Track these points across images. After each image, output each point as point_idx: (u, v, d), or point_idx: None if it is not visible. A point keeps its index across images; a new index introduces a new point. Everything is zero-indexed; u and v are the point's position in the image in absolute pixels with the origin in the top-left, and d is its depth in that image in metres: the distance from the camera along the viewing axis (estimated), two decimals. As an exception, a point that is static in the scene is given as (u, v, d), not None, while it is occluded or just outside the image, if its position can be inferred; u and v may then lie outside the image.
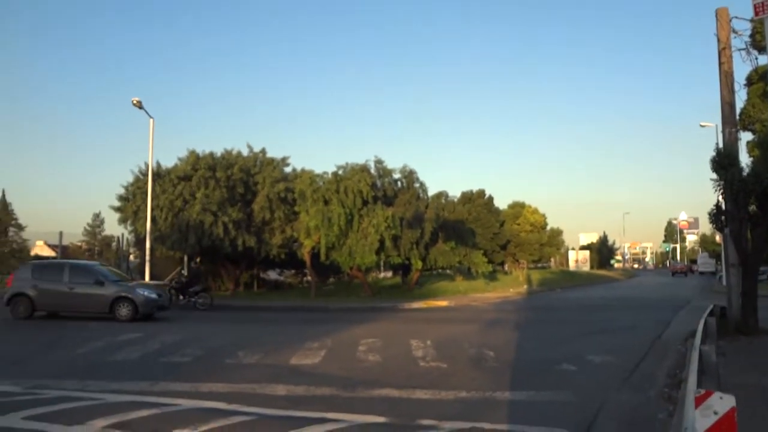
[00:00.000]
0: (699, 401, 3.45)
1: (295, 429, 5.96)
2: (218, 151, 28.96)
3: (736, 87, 14.48)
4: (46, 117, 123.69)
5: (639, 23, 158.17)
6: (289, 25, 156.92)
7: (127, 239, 31.44)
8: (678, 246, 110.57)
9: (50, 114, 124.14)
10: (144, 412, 6.54)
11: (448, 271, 40.38)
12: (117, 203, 28.76)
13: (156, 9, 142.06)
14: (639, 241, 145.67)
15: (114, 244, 33.53)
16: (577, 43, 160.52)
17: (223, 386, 8.10)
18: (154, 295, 17.30)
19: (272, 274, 36.98)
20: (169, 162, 29.18)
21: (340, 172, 26.81)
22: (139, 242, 29.36)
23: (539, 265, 74.70)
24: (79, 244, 40.07)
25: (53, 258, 32.63)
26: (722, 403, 3.41)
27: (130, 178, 28.91)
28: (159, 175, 27.66)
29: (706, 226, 74.51)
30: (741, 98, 14.85)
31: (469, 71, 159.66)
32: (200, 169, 26.99)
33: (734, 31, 14.43)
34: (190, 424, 6.07)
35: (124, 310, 16.41)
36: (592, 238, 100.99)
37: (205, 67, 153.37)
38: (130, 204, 28.11)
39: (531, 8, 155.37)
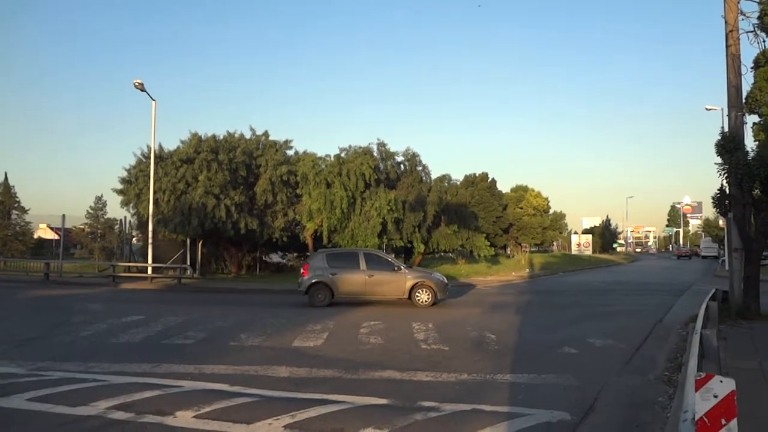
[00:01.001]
0: (699, 384, 3.45)
1: (298, 410, 6.00)
2: (221, 134, 28.93)
3: (743, 70, 14.30)
4: (48, 100, 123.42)
5: (644, 6, 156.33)
6: (293, 8, 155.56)
7: (130, 222, 31.51)
8: (681, 230, 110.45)
9: (52, 97, 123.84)
10: (147, 394, 6.60)
11: (450, 255, 40.46)
12: (119, 186, 28.77)
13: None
14: (642, 225, 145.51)
15: (117, 227, 33.57)
16: (581, 27, 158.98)
17: (226, 368, 8.16)
18: (446, 280, 17.82)
19: (275, 257, 37.08)
20: (171, 145, 29.25)
21: (343, 154, 26.74)
22: (142, 225, 29.43)
23: (541, 248, 74.76)
24: (82, 227, 40.08)
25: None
26: (722, 386, 3.41)
27: (133, 161, 28.92)
28: (161, 157, 27.63)
29: (709, 211, 74.26)
30: (747, 81, 14.71)
31: (474, 54, 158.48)
32: (203, 152, 26.93)
33: (742, 13, 14.23)
34: (194, 406, 6.12)
35: (424, 296, 16.75)
36: (595, 221, 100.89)
37: (208, 50, 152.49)
38: (132, 187, 28.11)
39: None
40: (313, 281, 16.83)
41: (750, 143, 14.43)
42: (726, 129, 14.31)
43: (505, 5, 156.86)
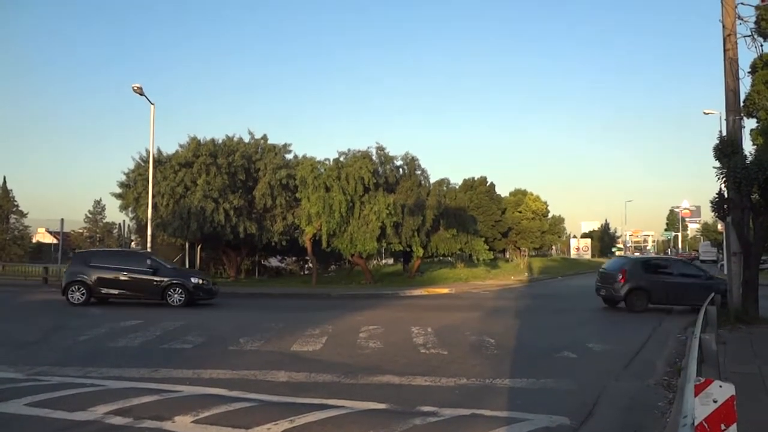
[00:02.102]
0: (699, 389, 3.45)
1: (297, 415, 5.99)
2: (219, 138, 28.99)
3: (741, 74, 14.36)
4: (47, 104, 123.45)
5: (641, 10, 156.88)
6: (293, 12, 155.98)
7: (129, 226, 31.58)
8: (680, 234, 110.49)
9: (51, 101, 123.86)
10: (145, 399, 6.58)
11: (449, 259, 40.41)
12: (118, 190, 28.80)
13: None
14: (641, 229, 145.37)
15: (115, 231, 33.61)
16: (579, 31, 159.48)
17: (225, 373, 8.14)
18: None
19: (273, 261, 37.08)
20: (170, 148, 29.21)
21: (342, 159, 26.76)
22: (141, 229, 29.42)
23: (540, 252, 74.80)
24: (81, 231, 40.13)
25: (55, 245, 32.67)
26: (722, 391, 3.40)
27: (132, 165, 28.97)
28: (160, 161, 27.63)
29: (708, 215, 74.36)
30: (745, 85, 14.78)
31: (472, 58, 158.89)
32: (201, 156, 26.95)
33: (739, 18, 14.30)
34: (192, 411, 6.10)
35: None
36: (594, 225, 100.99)
37: (207, 54, 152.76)
38: (131, 191, 28.12)
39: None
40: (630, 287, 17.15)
41: (748, 147, 14.50)
42: (724, 133, 14.36)
43: (503, 11, 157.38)
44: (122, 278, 17.36)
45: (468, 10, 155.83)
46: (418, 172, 29.35)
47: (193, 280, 17.84)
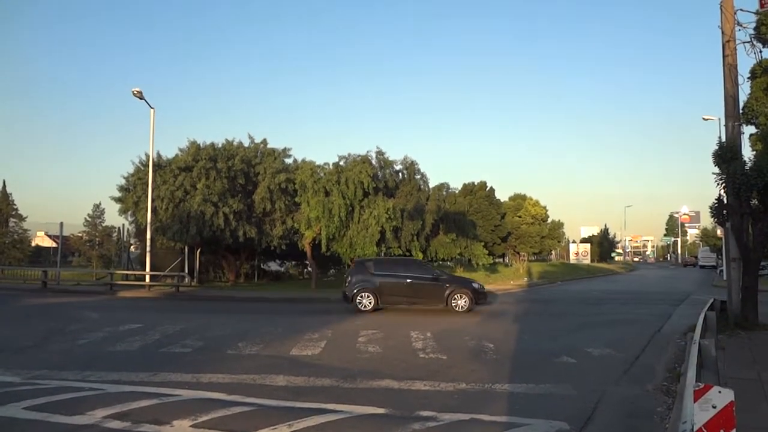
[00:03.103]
0: (698, 395, 3.45)
1: (295, 420, 5.98)
2: (219, 142, 28.95)
3: (740, 80, 14.39)
4: (46, 108, 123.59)
5: (641, 15, 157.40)
6: (293, 16, 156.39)
7: (128, 230, 31.47)
8: (679, 240, 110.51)
9: (51, 105, 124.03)
10: (144, 402, 6.57)
11: (448, 263, 40.40)
12: (117, 194, 28.76)
13: (157, 1, 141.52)
14: (640, 235, 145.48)
15: (115, 234, 33.52)
16: (578, 36, 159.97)
17: (224, 377, 8.13)
18: None
19: (273, 265, 37.03)
20: (169, 153, 29.20)
21: (341, 163, 26.75)
22: (140, 233, 29.38)
23: (540, 257, 74.74)
24: (80, 234, 40.03)
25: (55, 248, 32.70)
26: (721, 397, 3.41)
27: (131, 169, 28.93)
28: (160, 165, 27.63)
29: (707, 220, 74.41)
30: (744, 92, 14.78)
31: (472, 63, 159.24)
32: (201, 160, 26.94)
33: (739, 24, 14.33)
34: (191, 415, 6.10)
35: None
36: (593, 230, 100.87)
37: (207, 58, 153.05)
38: (130, 195, 28.11)
39: (533, 2, 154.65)
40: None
41: (747, 153, 14.50)
42: (723, 139, 14.38)
43: (503, 15, 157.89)
44: (406, 284, 17.95)
45: (468, 13, 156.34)
46: (418, 177, 29.33)
47: (474, 285, 18.41)
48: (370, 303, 17.62)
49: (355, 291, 17.82)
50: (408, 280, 18.00)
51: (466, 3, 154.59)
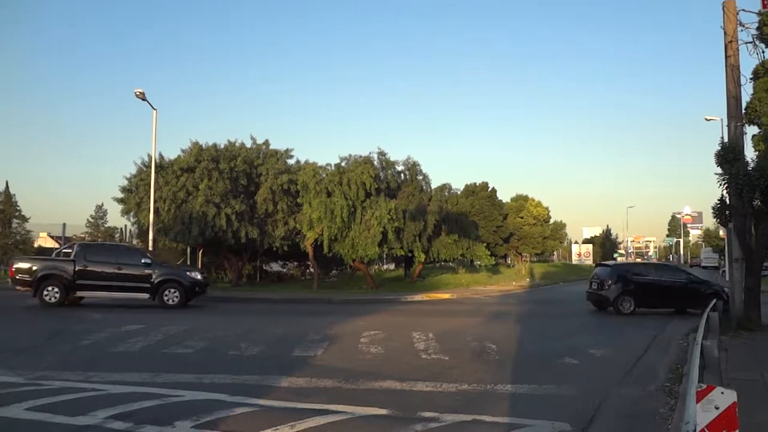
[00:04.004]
0: (700, 396, 3.44)
1: (297, 421, 5.98)
2: (221, 143, 28.97)
3: (742, 81, 14.36)
4: (49, 109, 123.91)
5: (643, 16, 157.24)
6: (294, 18, 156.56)
7: (130, 231, 31.66)
8: (681, 240, 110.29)
9: (53, 106, 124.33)
10: (146, 403, 6.57)
11: (450, 264, 40.40)
12: (120, 195, 28.81)
13: (159, 1, 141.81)
14: (642, 235, 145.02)
15: (117, 235, 33.60)
16: (581, 38, 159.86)
17: (226, 377, 8.13)
18: None
19: (275, 266, 37.05)
20: (172, 153, 29.29)
21: (343, 164, 26.77)
22: (142, 234, 29.44)
23: (542, 258, 74.69)
24: (82, 235, 40.08)
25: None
26: (724, 398, 3.40)
27: (133, 170, 28.97)
28: (162, 166, 27.67)
29: (709, 221, 74.03)
30: (747, 92, 14.75)
31: (474, 64, 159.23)
32: (203, 161, 26.98)
33: (741, 24, 14.30)
34: (193, 416, 6.10)
35: None
36: (596, 231, 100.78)
37: (208, 59, 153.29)
38: (133, 195, 28.14)
39: (535, 3, 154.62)
40: None
41: (750, 154, 14.47)
42: (726, 139, 14.34)
43: (504, 16, 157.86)
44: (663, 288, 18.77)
45: (470, 15, 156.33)
46: (420, 178, 29.34)
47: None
48: (630, 307, 17.88)
49: (616, 295, 18.11)
50: (668, 284, 18.63)
51: (467, 3, 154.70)
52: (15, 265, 18.24)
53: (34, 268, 17.87)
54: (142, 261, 18.29)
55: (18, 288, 18.14)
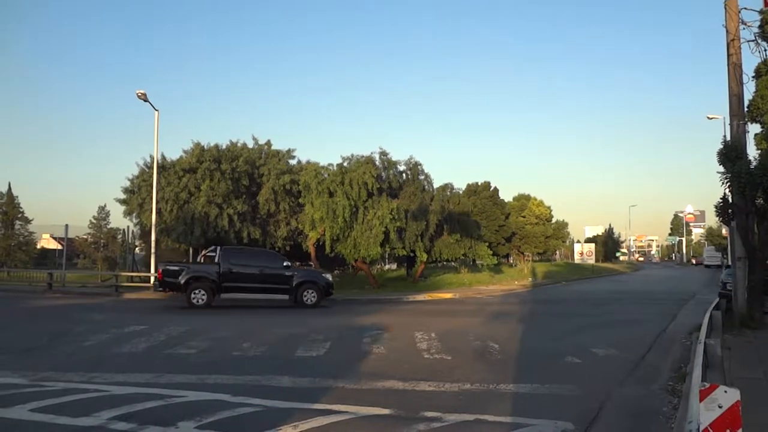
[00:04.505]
0: (704, 395, 3.44)
1: (300, 421, 5.99)
2: (223, 144, 28.98)
3: (745, 79, 14.33)
4: (51, 110, 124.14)
5: (645, 15, 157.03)
6: (297, 18, 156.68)
7: (133, 232, 31.51)
8: (684, 239, 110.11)
9: (56, 107, 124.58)
10: (149, 404, 6.59)
11: (453, 264, 40.37)
12: (122, 196, 28.87)
13: (161, 2, 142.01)
14: (645, 234, 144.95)
15: (119, 236, 33.56)
16: (582, 37, 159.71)
17: (229, 378, 8.14)
18: None
19: (277, 266, 36.96)
20: (174, 154, 29.33)
21: (345, 164, 26.77)
22: (145, 234, 29.45)
23: (544, 257, 74.60)
24: (85, 236, 40.06)
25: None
26: (727, 396, 3.40)
27: (136, 171, 29.01)
28: (164, 167, 27.71)
29: (712, 219, 73.87)
30: (749, 90, 14.71)
31: (476, 63, 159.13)
32: (205, 162, 27.00)
33: (743, 23, 14.27)
34: (196, 416, 6.11)
35: None
36: (598, 230, 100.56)
37: (210, 60, 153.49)
38: (135, 196, 28.18)
39: (535, 3, 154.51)
40: None
41: (752, 152, 14.45)
42: (728, 138, 14.32)
43: (507, 16, 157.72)
44: None
45: (472, 14, 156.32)
46: (422, 177, 29.32)
47: None
48: None
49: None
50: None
51: (469, 3, 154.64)
52: (163, 269, 18.68)
53: (181, 272, 18.36)
54: (284, 264, 19.21)
55: (164, 290, 18.90)
